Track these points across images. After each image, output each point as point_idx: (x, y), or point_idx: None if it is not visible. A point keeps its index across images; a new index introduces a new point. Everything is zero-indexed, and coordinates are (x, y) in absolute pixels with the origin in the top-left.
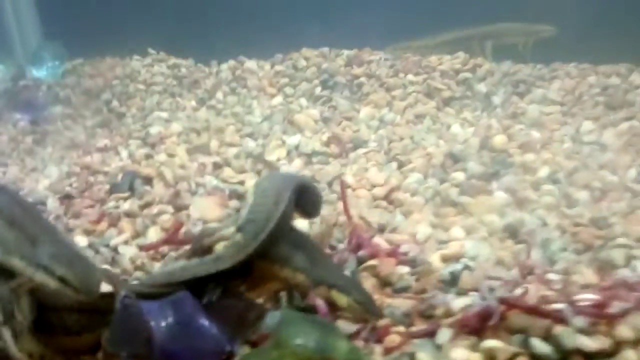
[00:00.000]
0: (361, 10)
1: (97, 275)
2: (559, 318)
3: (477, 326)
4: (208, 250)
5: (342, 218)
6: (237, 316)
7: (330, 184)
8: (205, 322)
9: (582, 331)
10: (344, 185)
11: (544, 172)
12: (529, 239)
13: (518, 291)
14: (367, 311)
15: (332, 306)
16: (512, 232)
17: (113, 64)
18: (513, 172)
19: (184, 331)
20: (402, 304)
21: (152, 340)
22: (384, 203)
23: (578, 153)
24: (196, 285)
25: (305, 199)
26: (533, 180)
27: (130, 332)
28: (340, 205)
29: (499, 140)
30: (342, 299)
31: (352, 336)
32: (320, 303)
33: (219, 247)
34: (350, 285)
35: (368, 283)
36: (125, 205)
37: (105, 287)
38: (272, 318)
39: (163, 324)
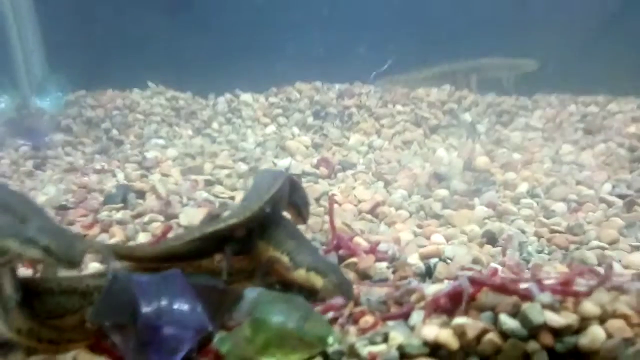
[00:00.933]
0: (353, 47)
1: (81, 247)
2: (525, 295)
3: (447, 306)
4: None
5: (327, 226)
6: (215, 299)
7: (317, 200)
8: (191, 300)
9: (549, 307)
10: (332, 199)
11: (523, 187)
12: (505, 242)
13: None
14: (342, 293)
15: (312, 292)
16: (491, 238)
17: (114, 96)
18: (494, 189)
19: (169, 307)
20: (378, 292)
21: (137, 313)
22: (368, 216)
23: (557, 172)
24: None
25: (295, 191)
26: (513, 195)
27: (116, 303)
28: (326, 217)
29: (482, 161)
30: (318, 281)
31: (329, 322)
32: (339, 301)
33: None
34: (329, 269)
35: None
36: (118, 215)
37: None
38: (249, 294)
39: (150, 297)
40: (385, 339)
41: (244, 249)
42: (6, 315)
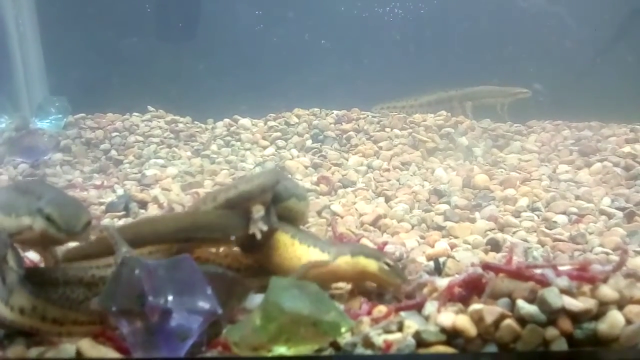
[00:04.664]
0: (351, 76)
1: (84, 219)
2: (542, 280)
3: (462, 294)
4: None
5: (331, 234)
6: (224, 288)
7: (319, 213)
8: (201, 284)
9: (567, 292)
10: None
11: (523, 202)
12: (511, 248)
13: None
14: (398, 275)
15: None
16: (495, 245)
17: (113, 119)
18: (494, 204)
19: (179, 292)
20: None
21: (145, 298)
22: (371, 228)
23: (556, 188)
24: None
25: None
26: (513, 209)
27: (124, 288)
28: (329, 228)
29: (481, 179)
30: (372, 265)
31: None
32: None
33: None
34: (374, 252)
35: None
36: (120, 223)
37: None
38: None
39: (159, 282)
40: (400, 327)
41: (251, 246)
42: (9, 293)
